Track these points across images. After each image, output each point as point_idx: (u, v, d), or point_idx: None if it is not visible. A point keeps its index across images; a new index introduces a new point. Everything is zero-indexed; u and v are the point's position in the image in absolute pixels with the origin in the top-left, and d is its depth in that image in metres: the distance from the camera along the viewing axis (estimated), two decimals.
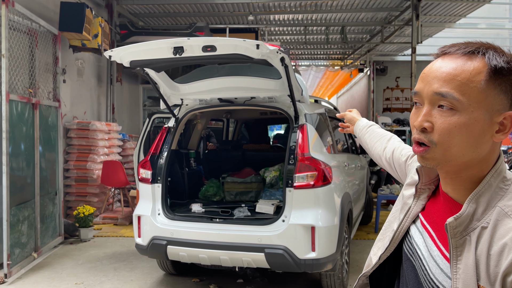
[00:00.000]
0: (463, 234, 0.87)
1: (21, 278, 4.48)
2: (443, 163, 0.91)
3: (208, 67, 3.95)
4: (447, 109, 0.87)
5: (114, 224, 6.90)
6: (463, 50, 0.89)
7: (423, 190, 1.05)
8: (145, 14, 9.13)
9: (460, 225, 0.87)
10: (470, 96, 0.85)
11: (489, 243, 0.84)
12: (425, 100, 0.91)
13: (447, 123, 0.87)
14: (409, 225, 1.05)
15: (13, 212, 4.55)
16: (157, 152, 4.03)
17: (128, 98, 10.03)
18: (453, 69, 0.88)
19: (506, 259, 0.80)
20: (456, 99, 0.86)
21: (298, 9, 8.98)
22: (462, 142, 0.87)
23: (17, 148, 4.70)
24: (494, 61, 0.86)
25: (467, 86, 0.86)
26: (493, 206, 0.87)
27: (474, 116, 0.85)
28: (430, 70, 0.92)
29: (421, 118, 0.90)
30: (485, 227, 0.85)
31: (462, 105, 0.86)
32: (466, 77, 0.86)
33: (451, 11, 9.22)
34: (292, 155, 3.57)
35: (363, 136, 1.65)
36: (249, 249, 3.48)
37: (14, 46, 4.74)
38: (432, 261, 0.95)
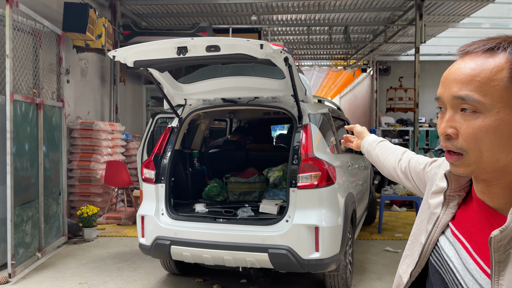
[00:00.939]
0: (507, 248, 0.80)
1: (25, 277, 4.50)
2: (478, 171, 0.85)
3: (212, 67, 3.95)
4: (470, 112, 0.82)
5: (118, 224, 6.91)
6: (482, 47, 0.84)
7: (452, 197, 0.98)
8: (148, 15, 9.15)
9: (505, 238, 0.80)
10: (493, 96, 0.80)
11: None
12: (446, 104, 0.87)
13: (472, 128, 0.81)
14: (439, 236, 0.98)
15: (17, 212, 4.57)
16: (160, 152, 4.04)
17: (131, 98, 10.05)
18: (471, 69, 0.82)
19: None
20: (477, 101, 0.80)
21: (301, 9, 8.97)
22: (493, 146, 0.81)
23: (21, 148, 4.71)
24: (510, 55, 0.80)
25: (488, 86, 0.80)
26: None
27: (501, 117, 0.80)
28: (449, 72, 0.88)
29: (444, 124, 0.86)
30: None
31: (485, 106, 0.80)
32: (486, 76, 0.81)
33: (454, 11, 9.20)
34: (295, 155, 3.56)
35: (373, 150, 1.61)
36: (253, 249, 3.48)
37: (18, 47, 4.76)
38: (468, 275, 0.87)
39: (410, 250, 1.07)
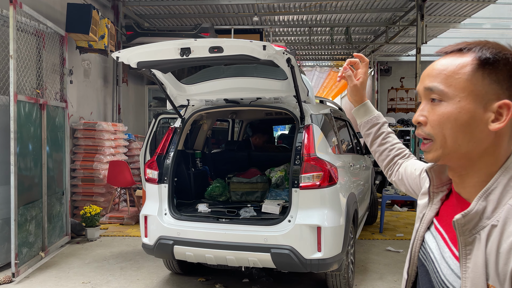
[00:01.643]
0: (473, 232, 0.87)
1: (28, 277, 4.53)
2: (444, 156, 0.93)
3: (214, 68, 3.97)
4: (437, 102, 0.93)
5: (120, 224, 6.94)
6: (455, 48, 0.95)
7: (436, 194, 1.05)
8: (151, 15, 9.18)
9: (469, 222, 0.87)
10: (456, 87, 0.90)
11: (498, 241, 0.83)
12: (422, 97, 0.98)
13: (437, 115, 0.92)
14: (424, 231, 1.05)
15: (21, 212, 4.60)
16: (163, 152, 4.06)
17: (134, 99, 10.08)
18: (442, 65, 0.94)
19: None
20: (441, 91, 0.91)
21: (303, 10, 8.99)
22: (454, 132, 0.90)
23: (24, 148, 4.74)
24: (479, 53, 0.90)
25: (452, 78, 0.91)
26: (504, 204, 0.86)
27: (461, 105, 0.89)
28: (426, 70, 0.99)
29: (418, 113, 0.97)
30: (495, 225, 0.85)
31: (448, 96, 0.91)
32: (452, 70, 0.92)
33: (456, 12, 9.21)
34: (298, 156, 3.58)
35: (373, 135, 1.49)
36: (255, 249, 3.50)
37: (21, 47, 4.79)
38: (443, 263, 0.95)
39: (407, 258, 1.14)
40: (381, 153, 1.49)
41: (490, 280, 0.83)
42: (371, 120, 1.50)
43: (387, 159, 1.47)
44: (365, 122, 1.50)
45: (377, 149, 1.50)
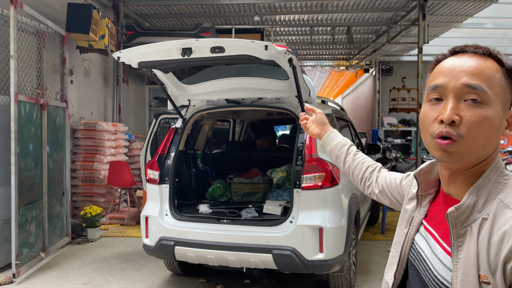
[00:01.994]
0: (464, 225, 0.91)
1: (29, 278, 4.51)
2: (465, 156, 0.92)
3: (215, 68, 3.95)
4: (477, 103, 0.90)
5: (121, 225, 6.92)
6: (475, 50, 0.95)
7: (424, 197, 1.09)
8: (151, 15, 9.16)
9: (461, 215, 0.91)
10: (495, 91, 0.91)
11: (489, 233, 0.87)
12: (450, 93, 0.92)
13: (477, 116, 0.89)
14: (414, 234, 1.08)
15: (21, 212, 4.58)
16: (164, 152, 4.05)
17: (134, 99, 10.06)
18: (478, 64, 0.92)
19: (506, 246, 0.83)
20: (486, 91, 0.90)
21: (304, 10, 8.97)
22: (487, 135, 0.91)
23: (25, 148, 4.73)
24: (509, 62, 0.94)
25: (492, 81, 0.91)
26: (493, 198, 0.91)
27: (497, 110, 0.91)
28: (453, 65, 0.94)
29: (449, 111, 0.91)
30: (486, 219, 0.89)
31: (489, 98, 0.90)
32: (491, 73, 0.91)
33: (457, 11, 9.18)
34: (299, 156, 3.56)
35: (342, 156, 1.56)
36: (257, 250, 3.48)
37: (22, 47, 4.77)
38: (435, 259, 0.98)
39: (393, 258, 1.15)
40: (355, 168, 1.51)
41: (481, 270, 0.87)
42: (340, 143, 1.57)
43: (361, 172, 1.49)
44: (334, 145, 1.57)
45: (351, 165, 1.52)
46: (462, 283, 0.88)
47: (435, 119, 0.94)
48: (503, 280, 0.84)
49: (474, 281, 0.87)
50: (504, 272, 0.84)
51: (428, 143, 0.97)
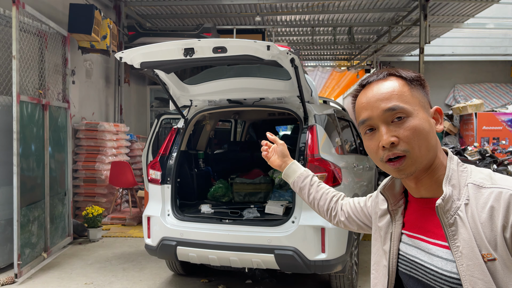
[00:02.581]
0: (452, 214, 0.98)
1: (31, 278, 4.52)
2: (418, 165, 1.01)
3: (217, 68, 3.95)
4: (402, 119, 1.01)
5: (122, 225, 6.93)
6: (379, 76, 1.07)
7: (395, 211, 1.14)
8: (153, 16, 9.17)
9: (447, 204, 0.99)
10: (410, 103, 1.02)
11: (476, 214, 0.94)
12: (378, 122, 1.03)
13: (408, 130, 1.00)
14: (398, 247, 1.12)
15: (24, 213, 4.59)
16: (166, 153, 4.05)
17: (136, 99, 10.07)
18: (386, 88, 1.04)
19: (498, 218, 0.91)
20: (403, 107, 1.01)
21: (305, 10, 8.97)
22: (425, 140, 1.00)
23: (27, 148, 4.74)
24: (404, 74, 1.05)
25: (403, 96, 1.02)
26: (465, 185, 1.00)
27: (421, 117, 1.01)
28: (368, 98, 1.06)
29: (385, 136, 1.01)
30: (467, 203, 0.97)
31: (409, 111, 1.01)
32: (399, 90, 1.03)
33: (459, 11, 9.18)
34: (301, 156, 3.56)
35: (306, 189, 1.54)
36: (259, 250, 3.48)
37: (24, 48, 4.78)
38: (435, 259, 1.01)
39: (377, 278, 1.18)
40: (319, 199, 1.51)
41: (483, 250, 0.92)
42: (302, 174, 1.57)
43: (326, 203, 1.50)
44: (297, 177, 1.57)
45: (315, 196, 1.52)
46: (469, 268, 0.92)
47: (377, 147, 1.03)
48: (506, 249, 0.90)
49: (479, 263, 0.91)
50: (505, 241, 0.90)
51: (384, 168, 1.05)
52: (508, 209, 0.90)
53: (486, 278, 0.90)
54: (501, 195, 0.92)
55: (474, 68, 14.53)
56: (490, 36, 12.86)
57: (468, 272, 0.92)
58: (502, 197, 0.92)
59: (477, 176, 1.00)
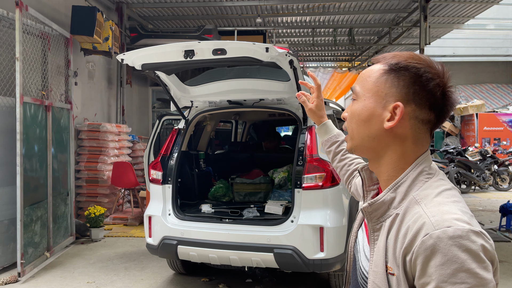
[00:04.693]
0: (380, 220, 0.97)
1: (34, 277, 4.57)
2: (354, 147, 1.05)
3: (218, 69, 4.00)
4: (354, 101, 1.05)
5: (124, 225, 6.98)
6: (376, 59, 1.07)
7: (368, 192, 1.13)
8: (155, 17, 9.23)
9: (376, 210, 0.97)
10: (365, 87, 1.02)
11: (398, 228, 0.92)
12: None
13: (350, 110, 1.05)
14: (358, 229, 1.14)
15: (27, 212, 4.65)
16: (167, 153, 4.10)
17: (138, 100, 10.13)
18: (363, 73, 1.07)
19: (405, 239, 0.88)
20: (356, 91, 1.04)
21: (306, 11, 9.02)
22: (357, 126, 1.03)
23: (30, 149, 4.79)
24: (388, 61, 1.01)
25: (365, 81, 1.03)
26: (409, 195, 0.95)
27: (365, 103, 1.01)
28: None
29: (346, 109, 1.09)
30: (398, 214, 0.94)
31: (358, 95, 1.03)
32: (367, 74, 1.04)
33: (459, 12, 9.21)
34: (300, 156, 3.61)
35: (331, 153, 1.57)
36: (258, 249, 3.52)
37: (27, 50, 4.84)
38: (362, 252, 1.06)
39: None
40: (341, 168, 1.53)
41: (389, 262, 0.92)
42: (331, 139, 1.56)
43: (347, 174, 1.51)
44: (325, 140, 1.58)
45: (337, 165, 1.55)
46: (373, 273, 0.95)
47: None
48: (404, 270, 0.88)
49: (382, 271, 0.93)
50: (404, 263, 0.88)
51: None
52: (416, 235, 0.86)
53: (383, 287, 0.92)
54: (418, 219, 0.88)
55: (475, 68, 14.55)
56: (491, 37, 12.89)
57: (371, 277, 0.95)
58: (418, 222, 0.87)
59: (424, 191, 0.94)
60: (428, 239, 0.83)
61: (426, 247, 0.83)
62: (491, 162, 10.79)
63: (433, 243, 0.82)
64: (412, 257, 0.86)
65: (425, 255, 0.83)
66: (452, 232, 0.82)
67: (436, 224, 0.84)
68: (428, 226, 0.85)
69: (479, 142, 12.83)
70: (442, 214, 0.86)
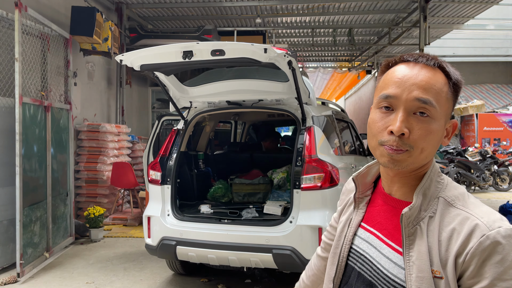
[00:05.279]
0: (414, 224, 0.96)
1: (33, 277, 4.57)
2: (411, 165, 0.96)
3: (217, 70, 4.01)
4: (425, 116, 0.93)
5: (124, 225, 6.99)
6: (426, 61, 0.96)
7: (361, 199, 1.11)
8: (154, 18, 9.24)
9: (413, 214, 0.96)
10: (441, 105, 0.95)
11: (438, 230, 0.93)
12: (401, 105, 0.94)
13: (424, 130, 0.93)
14: (352, 236, 1.09)
15: (26, 213, 4.65)
16: (166, 154, 4.10)
17: (137, 100, 10.14)
18: (429, 78, 0.94)
19: (456, 242, 0.89)
20: (434, 106, 0.93)
21: (306, 12, 9.02)
22: (432, 146, 0.96)
23: (29, 149, 4.80)
24: (455, 75, 0.97)
25: (440, 95, 0.94)
26: (436, 197, 0.97)
27: (441, 123, 0.96)
28: (406, 76, 0.96)
29: (399, 123, 0.92)
30: (432, 216, 0.95)
31: (436, 112, 0.94)
32: (440, 87, 0.95)
33: (459, 12, 9.20)
34: (299, 157, 3.61)
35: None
36: (257, 249, 3.53)
37: (27, 50, 4.85)
38: (383, 258, 1.00)
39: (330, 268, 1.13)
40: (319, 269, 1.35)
41: (434, 266, 0.91)
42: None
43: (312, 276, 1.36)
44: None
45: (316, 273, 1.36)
46: (418, 279, 0.91)
47: (384, 128, 0.95)
48: (454, 272, 0.89)
49: (428, 276, 0.91)
50: (455, 265, 0.89)
51: (375, 148, 0.98)
52: (470, 237, 0.88)
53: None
54: (466, 221, 0.90)
55: (475, 69, 14.55)
56: (491, 37, 12.89)
57: (416, 283, 0.91)
58: (468, 224, 0.90)
59: (450, 192, 0.97)
60: (486, 240, 0.87)
61: (484, 247, 0.86)
62: (491, 162, 10.79)
63: (490, 244, 0.86)
64: (465, 258, 0.88)
65: (482, 256, 0.86)
66: (504, 232, 0.87)
67: (488, 225, 0.88)
68: (482, 227, 0.88)
69: (479, 142, 12.83)
70: (488, 215, 0.90)
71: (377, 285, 1.00)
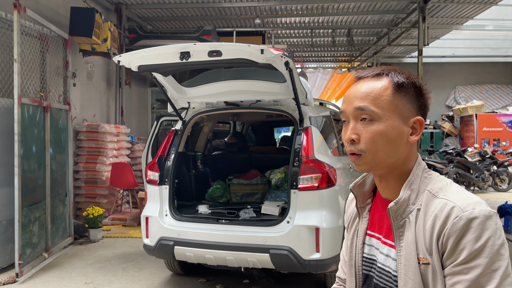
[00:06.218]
0: (403, 217, 1.05)
1: (32, 277, 4.59)
2: (374, 166, 1.07)
3: (214, 71, 4.02)
4: (368, 121, 1.05)
5: (123, 225, 7.00)
6: (371, 73, 1.09)
7: (363, 208, 1.20)
8: (154, 18, 9.25)
9: (399, 208, 1.05)
10: (383, 107, 1.05)
11: (423, 220, 1.02)
12: (350, 116, 1.09)
13: (370, 132, 1.05)
14: (362, 243, 1.17)
15: (25, 213, 4.66)
16: (164, 154, 4.11)
17: (137, 101, 10.15)
18: (366, 88, 1.07)
19: (436, 226, 0.98)
20: (373, 111, 1.04)
21: (305, 12, 9.04)
22: (384, 146, 1.05)
23: (28, 150, 4.81)
24: (396, 78, 1.06)
25: (379, 100, 1.05)
26: (423, 191, 1.06)
27: (389, 123, 1.04)
28: (350, 92, 1.11)
29: (349, 132, 1.08)
30: (419, 209, 1.04)
31: (378, 115, 1.04)
32: (377, 93, 1.06)
33: (458, 13, 9.21)
34: (296, 157, 3.62)
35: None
36: (254, 249, 3.54)
37: (26, 51, 4.86)
38: (383, 257, 1.09)
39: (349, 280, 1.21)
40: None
41: (420, 253, 1.00)
42: None
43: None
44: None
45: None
46: (404, 267, 1.01)
47: (346, 140, 1.10)
48: (438, 257, 0.97)
49: (414, 264, 1.00)
50: (438, 248, 0.97)
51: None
52: (446, 220, 0.96)
53: (416, 279, 0.99)
54: (445, 207, 0.98)
55: (474, 69, 14.55)
56: (491, 38, 12.89)
57: (403, 271, 1.01)
58: (446, 209, 0.98)
59: (435, 185, 1.06)
60: (459, 221, 0.95)
61: (458, 227, 0.95)
62: (490, 162, 10.80)
63: (464, 224, 0.95)
64: (443, 240, 0.96)
65: (457, 235, 0.94)
66: (478, 213, 0.95)
67: (463, 207, 0.96)
68: (456, 210, 0.97)
69: (479, 142, 12.84)
70: (465, 199, 0.99)
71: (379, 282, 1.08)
